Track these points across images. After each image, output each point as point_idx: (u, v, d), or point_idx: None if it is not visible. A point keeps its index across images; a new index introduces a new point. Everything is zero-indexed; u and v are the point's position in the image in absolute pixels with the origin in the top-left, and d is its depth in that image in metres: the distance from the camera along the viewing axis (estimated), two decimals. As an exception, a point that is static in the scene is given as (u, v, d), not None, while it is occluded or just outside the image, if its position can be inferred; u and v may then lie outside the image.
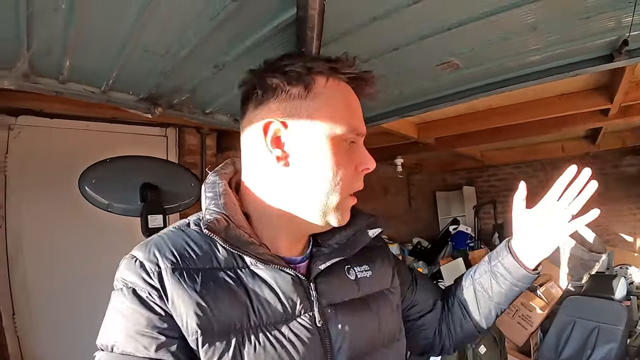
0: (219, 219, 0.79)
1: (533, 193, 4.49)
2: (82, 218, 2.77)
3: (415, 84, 1.72)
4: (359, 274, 0.95)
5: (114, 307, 0.77)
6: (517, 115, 3.61)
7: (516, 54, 1.48)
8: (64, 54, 1.28)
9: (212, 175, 0.91)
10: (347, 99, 0.86)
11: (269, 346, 0.76)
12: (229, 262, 0.81)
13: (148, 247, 0.79)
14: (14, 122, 2.71)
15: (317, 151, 0.81)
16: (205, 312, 0.74)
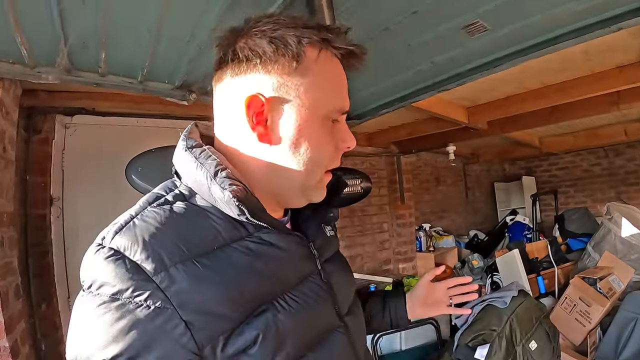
0: (241, 188, 0.70)
1: (596, 181, 4.21)
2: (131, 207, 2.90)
3: (445, 53, 1.65)
4: (329, 233, 0.99)
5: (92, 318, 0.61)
6: (572, 91, 3.34)
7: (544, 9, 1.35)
8: (99, 47, 1.35)
9: (190, 140, 0.78)
10: (336, 75, 0.79)
11: (299, 307, 0.75)
12: (232, 234, 0.72)
13: (139, 239, 0.64)
14: (69, 121, 2.87)
15: (301, 130, 0.75)
16: (234, 297, 0.66)
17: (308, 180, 0.78)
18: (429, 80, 1.89)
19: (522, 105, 3.63)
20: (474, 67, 1.77)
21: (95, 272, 0.63)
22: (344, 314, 0.88)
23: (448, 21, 1.41)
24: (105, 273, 0.61)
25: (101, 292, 0.61)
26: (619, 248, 4.12)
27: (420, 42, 1.53)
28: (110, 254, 0.62)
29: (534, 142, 5.93)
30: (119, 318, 0.59)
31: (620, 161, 6.62)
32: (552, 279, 4.30)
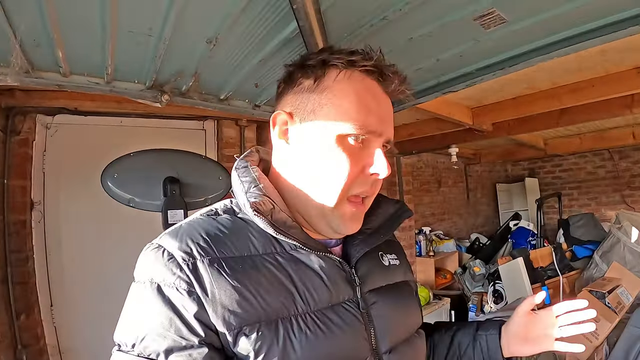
0: (264, 201, 0.76)
1: (600, 184, 4.10)
2: (117, 213, 2.76)
3: (453, 48, 1.43)
4: (390, 261, 0.96)
5: (136, 302, 0.73)
6: (585, 93, 3.19)
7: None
8: (53, 45, 1.22)
9: (241, 161, 0.87)
10: (358, 92, 0.78)
11: (319, 331, 0.73)
12: (266, 248, 0.77)
13: (179, 236, 0.75)
14: (50, 121, 2.75)
15: (316, 145, 0.79)
16: (250, 302, 0.70)
17: (324, 201, 0.79)
18: (432, 80, 1.69)
19: (532, 106, 3.49)
20: (486, 66, 1.56)
21: (140, 263, 0.75)
22: (384, 352, 0.83)
23: (459, 9, 1.19)
24: (147, 263, 0.73)
25: (143, 278, 0.73)
26: (628, 259, 3.99)
27: (424, 34, 1.32)
28: (154, 248, 0.75)
29: (539, 143, 5.77)
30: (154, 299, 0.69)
31: (625, 164, 6.45)
32: (557, 288, 4.14)
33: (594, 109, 3.72)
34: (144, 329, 0.68)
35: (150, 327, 0.68)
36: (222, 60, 1.37)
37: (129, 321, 0.72)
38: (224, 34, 1.19)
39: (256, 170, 0.83)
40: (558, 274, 4.21)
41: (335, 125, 0.77)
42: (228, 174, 2.34)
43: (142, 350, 0.67)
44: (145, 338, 0.67)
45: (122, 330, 0.72)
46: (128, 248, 2.84)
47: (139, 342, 0.68)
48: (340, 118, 0.77)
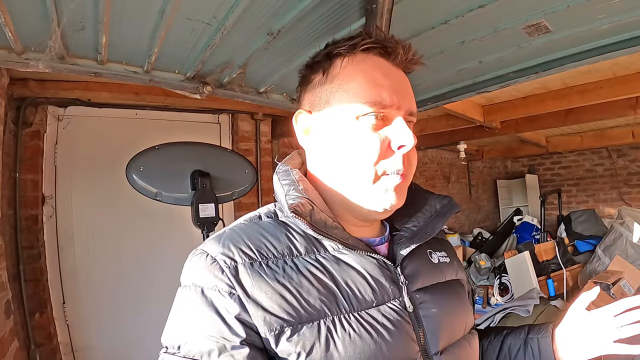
0: (303, 203, 0.75)
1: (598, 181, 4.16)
2: (131, 208, 2.77)
3: (498, 53, 1.49)
4: (440, 259, 0.93)
5: (181, 305, 0.74)
6: (593, 94, 3.27)
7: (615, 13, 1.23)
8: (99, 29, 1.16)
9: (282, 165, 0.87)
10: (365, 71, 0.78)
11: (363, 331, 0.71)
12: (309, 250, 0.77)
13: (221, 241, 0.75)
14: (62, 113, 2.70)
15: (338, 134, 0.79)
16: (291, 303, 0.70)
17: (360, 181, 0.77)
18: (470, 79, 1.73)
19: (541, 105, 3.55)
20: (522, 69, 1.62)
21: (186, 269, 0.76)
22: (434, 352, 0.79)
23: (513, 19, 1.26)
24: (192, 268, 0.75)
25: (187, 282, 0.74)
26: (630, 253, 4.07)
27: (475, 39, 1.37)
28: (198, 253, 0.75)
29: (541, 141, 5.86)
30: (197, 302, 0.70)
31: (623, 162, 6.54)
32: (561, 281, 4.17)
33: (600, 109, 3.80)
34: (188, 332, 0.70)
35: (194, 330, 0.69)
36: (275, 53, 1.35)
37: (174, 324, 0.73)
38: (288, 27, 1.17)
39: (296, 172, 0.83)
40: (561, 267, 4.25)
41: (350, 107, 0.77)
42: (254, 168, 2.33)
43: (187, 352, 0.68)
44: (189, 340, 0.69)
45: (169, 333, 0.73)
46: (141, 244, 2.86)
47: (184, 344, 0.69)
48: (354, 100, 0.77)
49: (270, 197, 3.47)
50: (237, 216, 3.23)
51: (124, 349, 2.78)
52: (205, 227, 2.06)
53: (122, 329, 2.80)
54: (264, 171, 3.49)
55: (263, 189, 3.46)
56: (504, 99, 3.66)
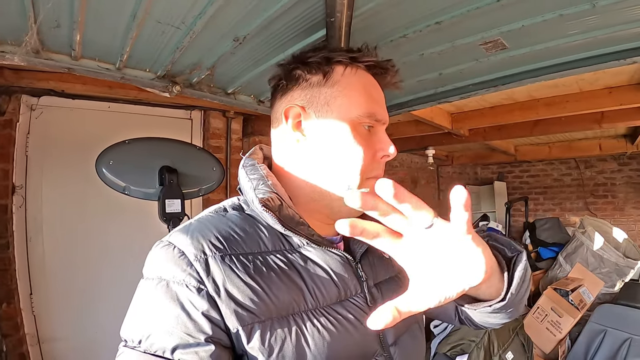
0: (272, 198, 0.78)
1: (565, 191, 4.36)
2: (102, 200, 2.76)
3: (456, 66, 1.58)
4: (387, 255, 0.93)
5: (144, 298, 0.73)
6: (560, 107, 3.41)
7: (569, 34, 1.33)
8: (74, 27, 1.19)
9: (247, 159, 0.90)
10: (365, 85, 0.86)
11: (330, 326, 0.75)
12: (276, 245, 0.79)
13: (189, 233, 0.75)
14: (36, 103, 2.68)
15: (333, 134, 0.83)
16: (262, 298, 0.71)
17: (349, 183, 0.82)
18: (431, 89, 1.82)
19: (509, 116, 3.67)
20: (481, 82, 1.72)
21: (150, 259, 0.75)
22: (390, 344, 0.85)
23: (469, 35, 1.35)
24: (157, 260, 0.74)
25: (152, 275, 0.73)
26: (590, 261, 4.24)
27: (434, 52, 1.45)
28: (164, 245, 0.75)
29: (510, 149, 6.02)
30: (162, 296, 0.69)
31: (590, 173, 6.75)
32: (523, 286, 4.33)
33: (566, 122, 3.95)
34: (151, 326, 0.68)
35: (158, 324, 0.68)
36: (242, 58, 1.40)
37: (136, 318, 0.72)
38: (253, 33, 1.22)
39: (264, 167, 0.86)
40: None
41: (349, 114, 0.82)
42: (221, 166, 2.37)
43: (149, 347, 0.67)
44: (151, 335, 0.67)
45: (129, 326, 0.71)
46: (111, 237, 2.87)
47: (145, 338, 0.67)
48: (353, 108, 0.83)
49: (238, 195, 3.47)
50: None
51: (91, 341, 2.77)
52: (171, 222, 2.08)
53: (90, 321, 2.79)
54: (233, 169, 3.51)
55: (232, 186, 3.49)
56: (473, 107, 3.77)
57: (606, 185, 6.61)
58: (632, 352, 2.95)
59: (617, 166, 6.49)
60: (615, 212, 6.45)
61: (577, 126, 4.02)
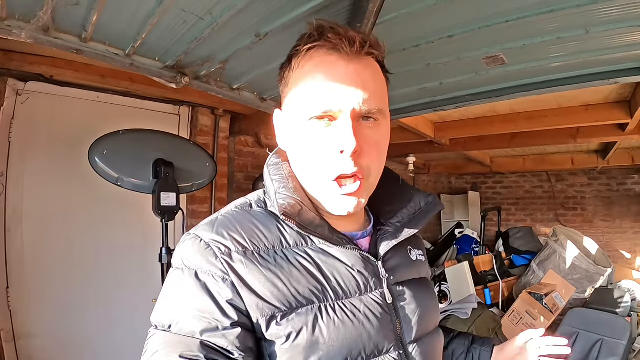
0: (293, 204, 0.78)
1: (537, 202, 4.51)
2: (86, 192, 2.70)
3: (457, 77, 1.66)
4: (417, 257, 0.97)
5: (174, 286, 0.76)
6: (539, 121, 3.56)
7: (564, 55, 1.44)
8: (93, 7, 1.16)
9: (273, 157, 0.89)
10: (313, 74, 0.76)
11: (346, 319, 0.76)
12: (297, 242, 0.80)
13: (215, 228, 0.77)
14: (22, 88, 2.58)
15: (291, 136, 0.82)
16: (282, 291, 0.73)
17: (317, 185, 0.80)
18: (429, 98, 1.89)
19: (490, 127, 3.79)
20: (476, 93, 1.81)
21: (179, 251, 0.78)
22: (409, 342, 0.85)
23: (475, 49, 1.43)
24: (186, 251, 0.76)
25: (180, 265, 0.76)
26: (562, 268, 4.42)
27: (439, 63, 1.52)
28: (192, 237, 0.77)
29: (486, 160, 6.20)
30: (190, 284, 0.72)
31: (561, 186, 7.02)
32: (497, 291, 4.50)
33: (543, 135, 4.12)
34: (180, 312, 0.71)
35: (186, 310, 0.71)
36: (257, 54, 1.41)
37: (166, 304, 0.75)
38: (276, 32, 1.24)
39: (286, 167, 0.85)
40: (498, 278, 4.60)
41: (297, 112, 0.79)
42: (214, 162, 2.37)
43: (179, 331, 0.70)
44: (181, 320, 0.70)
45: (160, 311, 0.74)
46: (94, 231, 2.82)
47: (175, 323, 0.71)
48: (301, 104, 0.78)
49: (224, 193, 3.50)
50: (190, 208, 3.27)
51: (70, 338, 2.67)
52: (166, 215, 2.08)
53: (69, 318, 2.70)
54: (219, 167, 3.43)
55: (217, 184, 3.46)
56: (456, 118, 3.88)
57: (576, 199, 6.90)
58: (603, 352, 3.11)
59: (587, 180, 6.79)
60: (585, 224, 6.72)
61: (554, 140, 4.19)
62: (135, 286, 2.89)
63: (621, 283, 5.06)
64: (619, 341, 3.11)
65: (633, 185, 6.51)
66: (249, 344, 0.71)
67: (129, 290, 2.84)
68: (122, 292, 2.84)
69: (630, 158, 5.49)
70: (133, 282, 2.90)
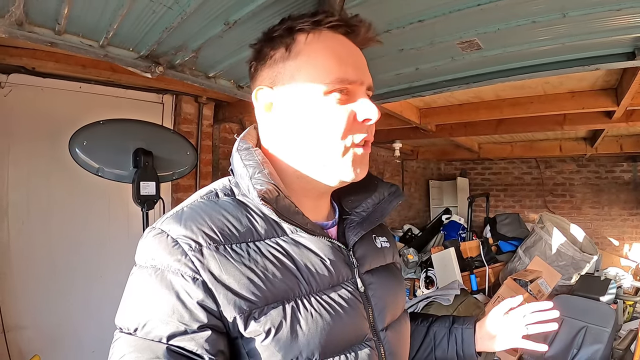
0: (270, 190, 0.76)
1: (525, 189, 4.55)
2: (70, 184, 2.71)
3: (433, 62, 1.65)
4: (382, 244, 1.00)
5: (139, 287, 0.72)
6: (524, 108, 3.57)
7: (540, 39, 1.43)
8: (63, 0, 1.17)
9: (242, 142, 0.85)
10: (332, 49, 0.81)
11: (323, 311, 0.76)
12: (269, 232, 0.78)
13: (182, 221, 0.74)
14: (4, 80, 2.57)
15: (305, 108, 0.80)
16: (258, 286, 0.72)
17: (327, 154, 0.81)
18: (406, 84, 1.89)
19: (475, 114, 3.80)
20: (454, 79, 1.81)
21: (143, 248, 0.74)
22: (381, 329, 0.87)
23: (448, 34, 1.42)
24: (151, 248, 0.72)
25: (146, 263, 0.72)
26: (548, 254, 4.44)
27: (413, 49, 1.52)
28: (157, 233, 0.73)
29: (474, 146, 6.23)
30: (157, 285, 0.69)
31: (550, 173, 7.09)
32: (484, 277, 4.55)
33: (529, 122, 4.13)
34: (147, 315, 0.68)
35: (154, 313, 0.68)
36: (228, 42, 1.41)
37: (132, 306, 0.71)
38: (245, 19, 1.24)
39: (259, 153, 0.83)
40: (484, 264, 4.64)
41: (315, 84, 0.79)
42: (195, 150, 2.38)
43: (145, 335, 0.67)
44: (147, 323, 0.68)
45: (125, 314, 0.71)
46: (79, 222, 2.83)
47: (141, 327, 0.68)
48: (321, 75, 0.78)
49: (208, 181, 3.46)
50: (175, 197, 3.28)
51: (59, 329, 2.70)
52: (145, 204, 2.09)
53: (56, 309, 2.72)
54: (203, 154, 3.50)
55: (202, 172, 3.47)
56: (441, 104, 3.88)
57: (565, 185, 6.98)
58: (587, 339, 3.14)
59: (576, 167, 6.86)
60: (573, 210, 6.80)
61: (540, 127, 4.21)
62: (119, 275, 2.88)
63: (608, 270, 5.11)
64: (604, 328, 3.14)
65: (621, 173, 6.60)
66: (220, 347, 0.69)
67: (112, 279, 2.83)
68: (106, 281, 2.84)
69: (618, 146, 5.54)
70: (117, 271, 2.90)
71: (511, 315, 1.09)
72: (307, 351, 0.73)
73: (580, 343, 3.15)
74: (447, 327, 1.15)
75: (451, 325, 1.15)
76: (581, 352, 3.11)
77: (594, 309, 3.31)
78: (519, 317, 1.08)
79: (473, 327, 1.13)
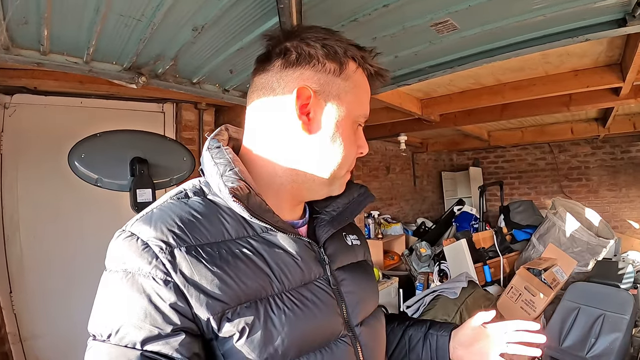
0: (242, 187, 0.77)
1: (540, 175, 4.44)
2: (77, 195, 2.79)
3: (411, 48, 1.64)
4: (353, 241, 1.03)
5: (110, 292, 0.71)
6: (527, 90, 3.49)
7: (518, 13, 1.38)
8: (41, 23, 1.24)
9: (213, 141, 0.86)
10: (366, 87, 0.89)
11: (296, 308, 0.78)
12: (239, 231, 0.79)
13: (152, 223, 0.74)
14: (8, 101, 2.68)
15: (338, 125, 0.84)
16: (231, 286, 0.72)
17: (336, 171, 0.86)
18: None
19: (477, 100, 3.73)
20: (437, 64, 1.79)
21: (113, 251, 0.74)
22: (355, 325, 0.89)
23: (419, 17, 1.40)
24: (121, 252, 0.72)
25: (116, 267, 0.71)
26: (563, 241, 4.29)
27: (387, 36, 1.51)
28: (127, 236, 0.73)
29: (483, 135, 6.14)
30: (129, 289, 0.69)
31: (564, 157, 6.95)
32: (498, 267, 4.45)
33: (534, 105, 4.04)
34: (119, 320, 0.68)
35: (126, 318, 0.67)
36: (202, 47, 1.45)
37: (104, 312, 0.71)
38: (211, 23, 1.28)
39: (229, 151, 0.83)
40: (499, 254, 4.54)
41: (353, 112, 0.86)
42: (192, 156, 2.42)
43: (119, 341, 0.67)
44: (120, 329, 0.67)
45: (97, 321, 0.71)
46: (87, 231, 2.91)
47: (114, 333, 0.67)
48: (359, 107, 0.87)
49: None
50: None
51: (73, 336, 2.73)
52: (143, 211, 2.12)
53: (71, 317, 2.78)
54: (206, 160, 3.54)
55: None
56: (441, 93, 3.84)
57: (580, 169, 6.83)
58: (605, 328, 3.00)
59: (590, 149, 6.70)
60: (590, 194, 6.65)
61: (546, 109, 4.12)
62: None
63: (627, 254, 4.97)
64: (622, 316, 2.98)
65: (638, 152, 6.41)
66: (194, 350, 0.69)
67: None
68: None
69: (631, 124, 5.34)
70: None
71: (490, 330, 1.07)
72: (282, 349, 0.74)
73: (598, 332, 3.00)
74: (422, 331, 1.15)
75: (427, 331, 1.15)
76: (599, 341, 2.97)
77: (611, 296, 3.16)
78: (499, 333, 1.06)
79: (449, 334, 1.12)
